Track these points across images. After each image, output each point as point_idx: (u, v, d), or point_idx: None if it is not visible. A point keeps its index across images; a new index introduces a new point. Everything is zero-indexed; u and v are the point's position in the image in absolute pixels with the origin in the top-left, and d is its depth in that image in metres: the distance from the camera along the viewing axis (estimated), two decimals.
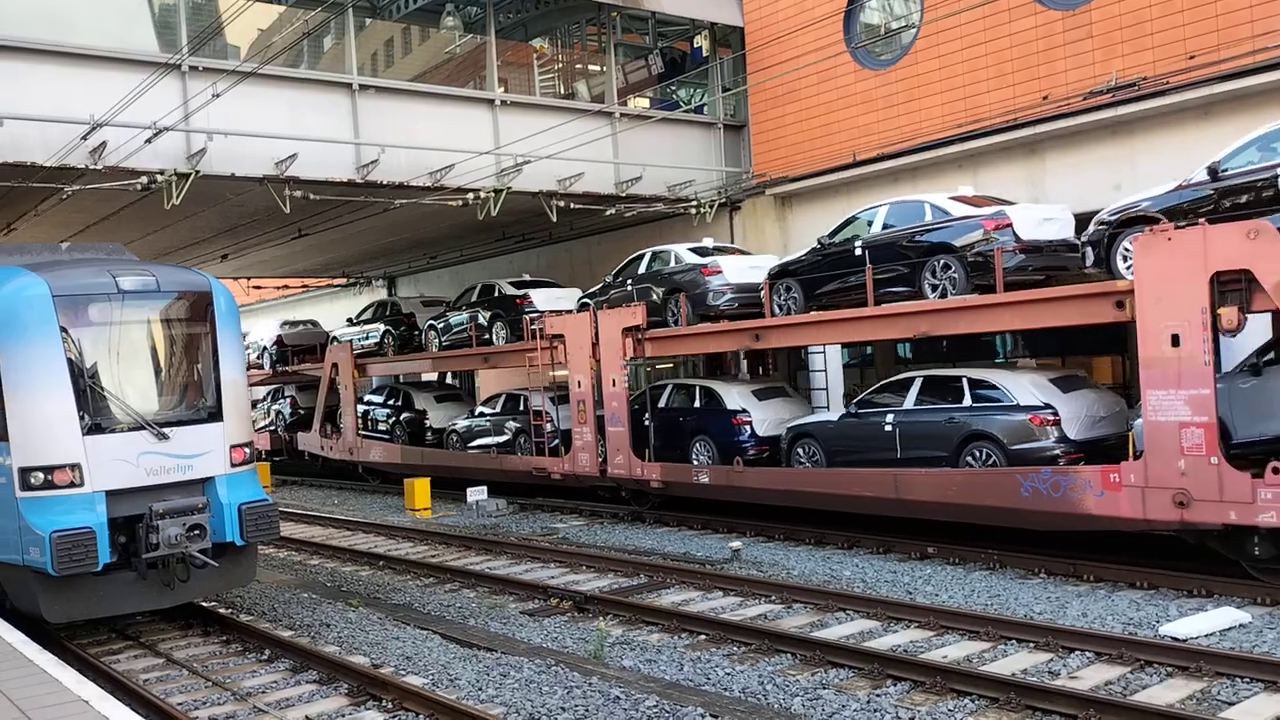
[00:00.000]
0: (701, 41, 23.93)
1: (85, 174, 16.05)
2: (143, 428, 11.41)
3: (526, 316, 21.83)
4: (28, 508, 10.84)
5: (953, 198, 15.37)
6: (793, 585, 13.19)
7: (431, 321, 25.56)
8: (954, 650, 10.40)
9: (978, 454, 14.22)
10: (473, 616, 12.84)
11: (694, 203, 22.32)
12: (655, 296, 19.31)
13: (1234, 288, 11.48)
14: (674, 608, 12.44)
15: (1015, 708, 8.68)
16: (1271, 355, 12.04)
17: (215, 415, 11.98)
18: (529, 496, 22.61)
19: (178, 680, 10.64)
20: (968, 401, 14.58)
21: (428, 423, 26.08)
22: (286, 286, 38.85)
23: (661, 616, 12.10)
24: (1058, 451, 13.60)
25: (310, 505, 25.50)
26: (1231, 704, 8.56)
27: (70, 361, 11.16)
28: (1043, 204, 15.99)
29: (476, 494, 21.75)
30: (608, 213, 21.83)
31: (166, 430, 11.51)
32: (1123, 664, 9.63)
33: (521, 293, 22.61)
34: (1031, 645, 10.34)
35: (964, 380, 14.80)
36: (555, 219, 21.26)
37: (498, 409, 23.80)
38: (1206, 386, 11.56)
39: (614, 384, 19.35)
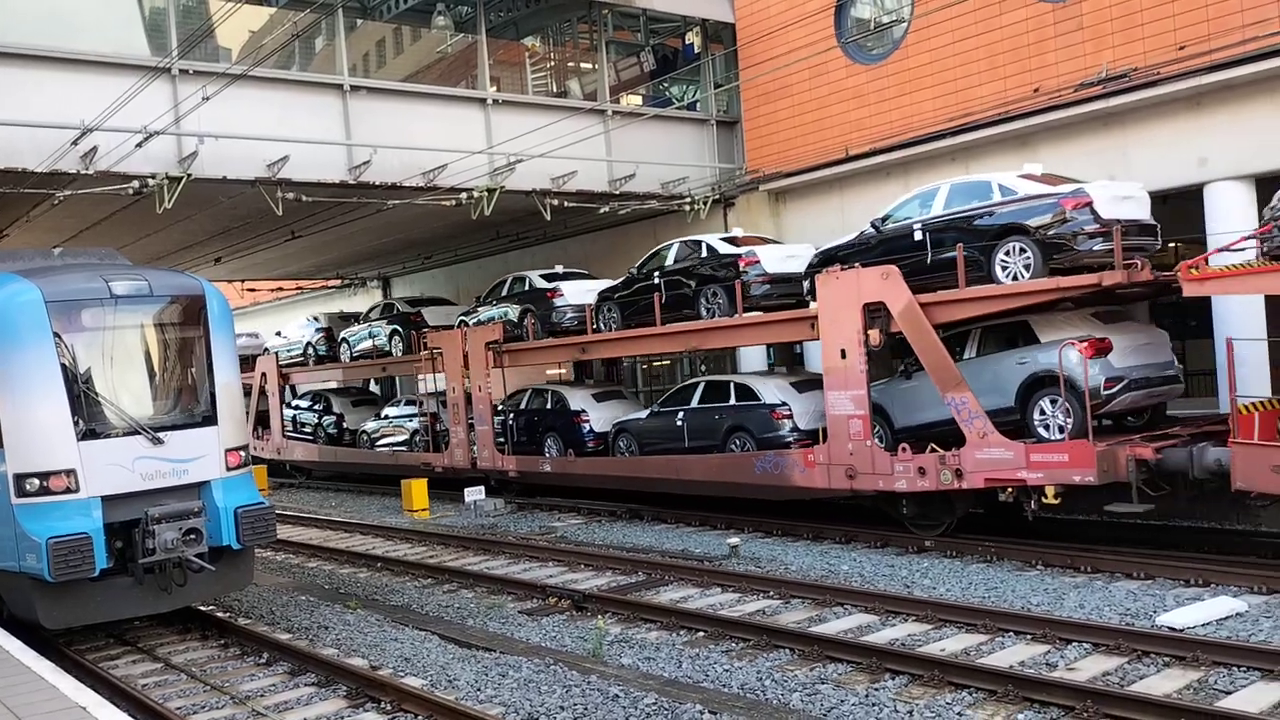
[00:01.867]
0: (693, 38, 23.91)
1: (77, 179, 16.02)
2: (138, 432, 11.40)
3: (415, 331, 24.84)
4: (24, 514, 10.82)
5: (725, 237, 18.41)
6: (791, 580, 13.20)
7: (344, 335, 28.51)
8: (952, 643, 10.41)
9: (737, 442, 17.48)
10: (471, 617, 12.83)
11: (688, 199, 22.31)
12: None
13: (877, 314, 14.87)
14: (672, 605, 12.44)
15: (1013, 700, 8.69)
16: (916, 364, 15.02)
17: (210, 419, 11.96)
18: (528, 496, 22.64)
19: (176, 684, 10.63)
20: (732, 401, 17.86)
21: (345, 425, 29.04)
22: (281, 289, 38.79)
23: (660, 614, 12.10)
24: (791, 439, 16.81)
25: (308, 508, 25.48)
26: (1229, 693, 8.58)
27: (64, 367, 11.13)
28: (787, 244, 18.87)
29: (474, 494, 21.75)
30: (602, 211, 21.81)
31: (161, 435, 11.50)
32: (1120, 655, 9.64)
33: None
34: (1029, 637, 10.35)
35: (731, 384, 18.26)
36: (549, 218, 21.25)
37: (400, 411, 26.83)
38: (863, 388, 15.09)
39: (480, 390, 22.43)
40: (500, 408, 22.56)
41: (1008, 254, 13.79)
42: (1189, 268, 12.44)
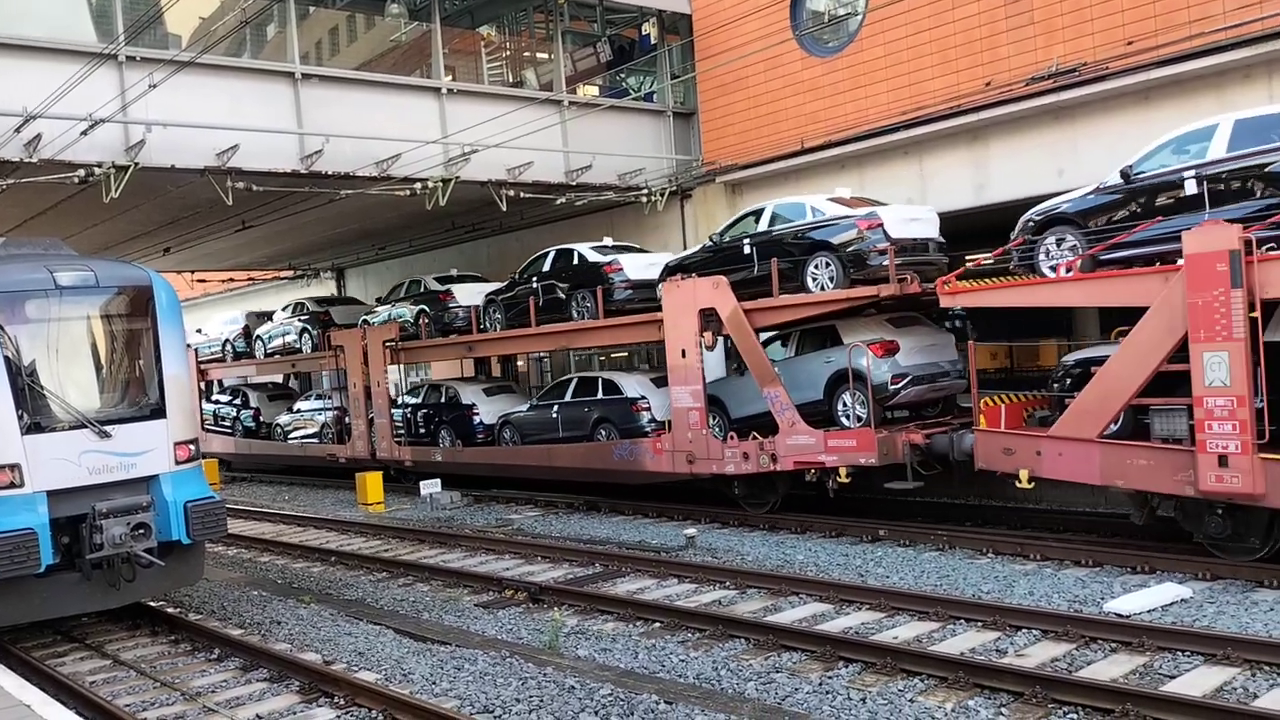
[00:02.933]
0: (650, 29, 23.84)
1: (20, 167, 15.66)
2: (84, 426, 11.20)
3: (323, 329, 26.38)
4: None
5: (595, 246, 19.82)
6: (746, 570, 13.29)
7: (259, 333, 30.05)
8: (904, 631, 10.53)
9: (603, 432, 19.36)
10: (427, 610, 12.77)
11: (645, 191, 22.30)
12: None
13: (711, 319, 16.97)
14: (629, 596, 12.48)
15: (964, 686, 8.82)
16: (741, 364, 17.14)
17: (159, 412, 11.78)
18: (484, 489, 22.56)
19: (125, 681, 10.47)
20: (599, 395, 19.76)
21: (261, 419, 30.40)
22: (232, 280, 38.24)
23: (616, 605, 12.13)
24: (649, 429, 18.64)
25: (261, 501, 25.19)
26: (1173, 677, 8.76)
27: (7, 360, 10.90)
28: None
29: (430, 487, 21.63)
30: (558, 202, 21.73)
31: (108, 428, 11.31)
32: (1068, 641, 9.81)
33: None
34: (980, 624, 10.51)
35: (599, 380, 20.13)
36: (505, 208, 21.14)
37: (311, 406, 28.49)
38: (700, 384, 17.24)
39: (378, 385, 24.26)
40: (400, 401, 24.63)
41: (816, 267, 15.94)
42: (943, 282, 14.32)
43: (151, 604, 12.90)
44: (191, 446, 12.06)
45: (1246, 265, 10.89)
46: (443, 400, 23.71)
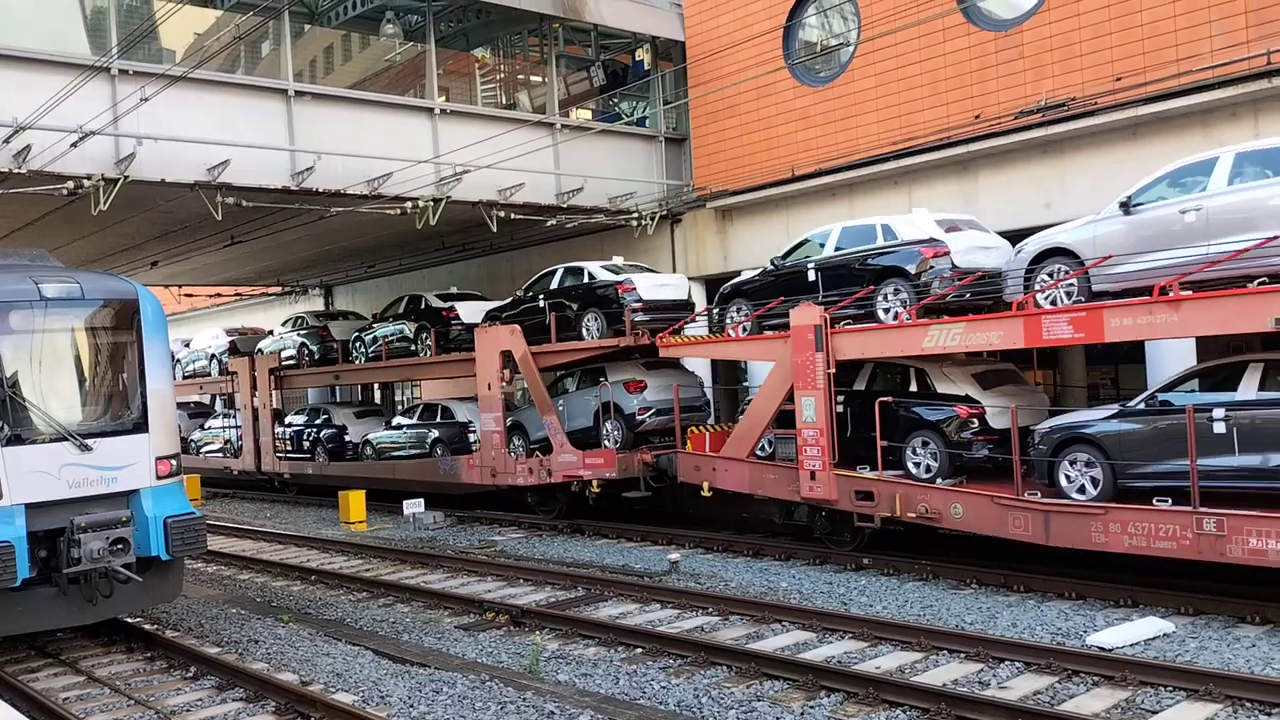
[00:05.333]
0: (643, 55, 23.98)
1: (9, 178, 15.60)
2: (65, 439, 11.10)
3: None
4: None
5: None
6: (730, 597, 13.22)
7: (179, 357, 32.60)
8: (887, 661, 10.49)
9: (439, 450, 22.87)
10: (406, 632, 12.66)
11: (635, 214, 22.35)
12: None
13: (508, 359, 20.31)
14: (611, 621, 12.39)
15: (946, 718, 8.77)
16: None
17: (141, 426, 11.69)
18: (468, 509, 22.46)
19: (99, 699, 10.33)
20: (438, 419, 23.46)
21: (180, 434, 32.48)
22: (219, 295, 38.12)
23: (598, 630, 12.04)
24: (475, 448, 21.80)
25: (242, 518, 25.00)
26: (1155, 712, 8.74)
27: None
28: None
29: (413, 506, 21.52)
30: (549, 223, 21.75)
31: (90, 441, 11.21)
32: (1051, 674, 9.78)
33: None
34: (962, 655, 10.47)
35: (439, 406, 23.84)
36: (495, 229, 21.15)
37: (219, 424, 31.30)
38: (499, 411, 20.60)
39: (264, 407, 27.54)
40: (286, 421, 27.94)
41: (591, 319, 19.45)
42: (661, 337, 18.10)
43: (128, 620, 12.75)
44: (173, 461, 11.95)
45: (827, 336, 14.75)
46: (319, 422, 27.10)
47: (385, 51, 23.13)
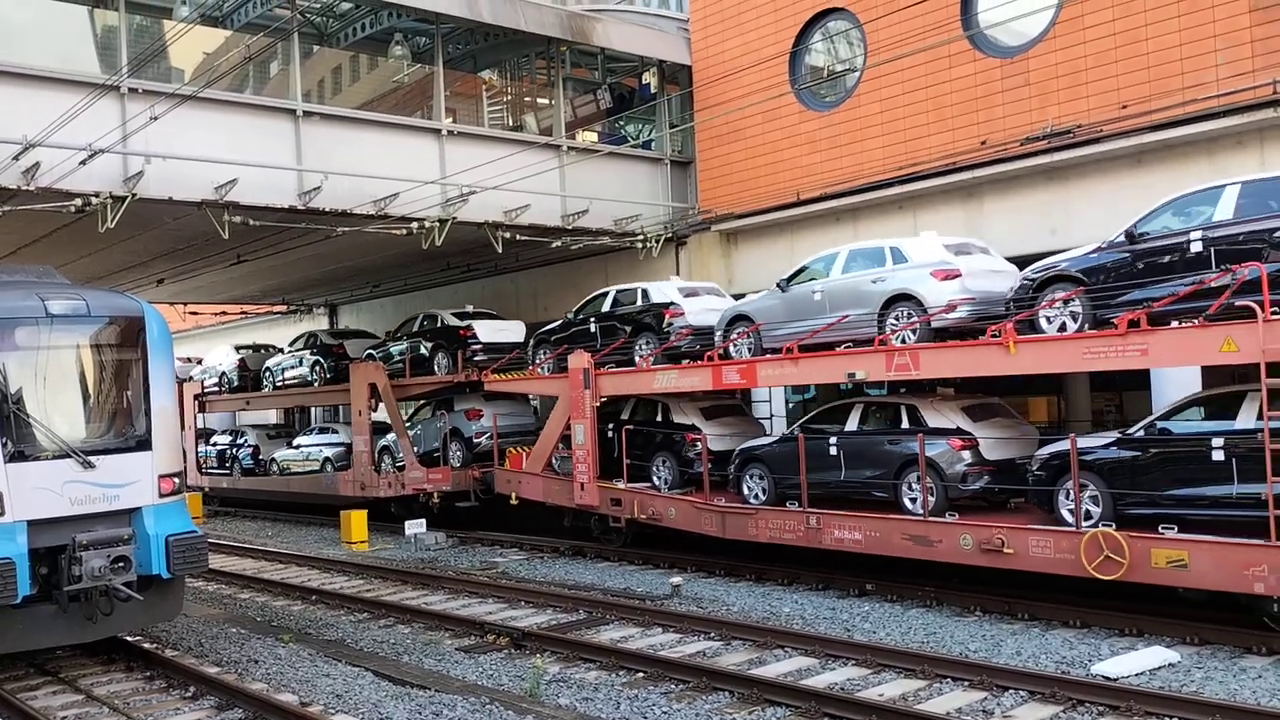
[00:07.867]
0: (650, 78, 24.12)
1: (17, 194, 15.67)
2: (68, 455, 11.08)
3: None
4: None
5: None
6: (732, 621, 13.14)
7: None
8: (890, 688, 10.41)
9: (330, 466, 26.21)
10: (407, 653, 12.59)
11: (640, 237, 22.40)
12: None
13: (374, 390, 24.04)
14: (612, 644, 12.32)
15: None
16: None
17: (144, 444, 11.67)
18: (469, 529, 22.40)
19: (98, 717, 10.27)
20: (326, 439, 27.60)
21: None
22: (225, 313, 38.20)
23: (600, 653, 11.97)
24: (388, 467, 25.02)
25: (243, 537, 24.93)
26: None
27: None
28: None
29: (415, 527, 21.47)
30: (554, 245, 21.81)
31: (93, 459, 11.19)
32: (1055, 703, 9.71)
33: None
34: (966, 684, 10.39)
35: (331, 429, 27.85)
36: (501, 250, 21.20)
37: None
38: (367, 434, 24.19)
39: (190, 428, 30.42)
40: (212, 440, 31.96)
41: (441, 358, 23.47)
42: (486, 373, 21.95)
43: (128, 638, 12.69)
44: (176, 479, 11.93)
45: (594, 377, 18.47)
46: (240, 442, 30.59)
47: (393, 73, 23.25)
